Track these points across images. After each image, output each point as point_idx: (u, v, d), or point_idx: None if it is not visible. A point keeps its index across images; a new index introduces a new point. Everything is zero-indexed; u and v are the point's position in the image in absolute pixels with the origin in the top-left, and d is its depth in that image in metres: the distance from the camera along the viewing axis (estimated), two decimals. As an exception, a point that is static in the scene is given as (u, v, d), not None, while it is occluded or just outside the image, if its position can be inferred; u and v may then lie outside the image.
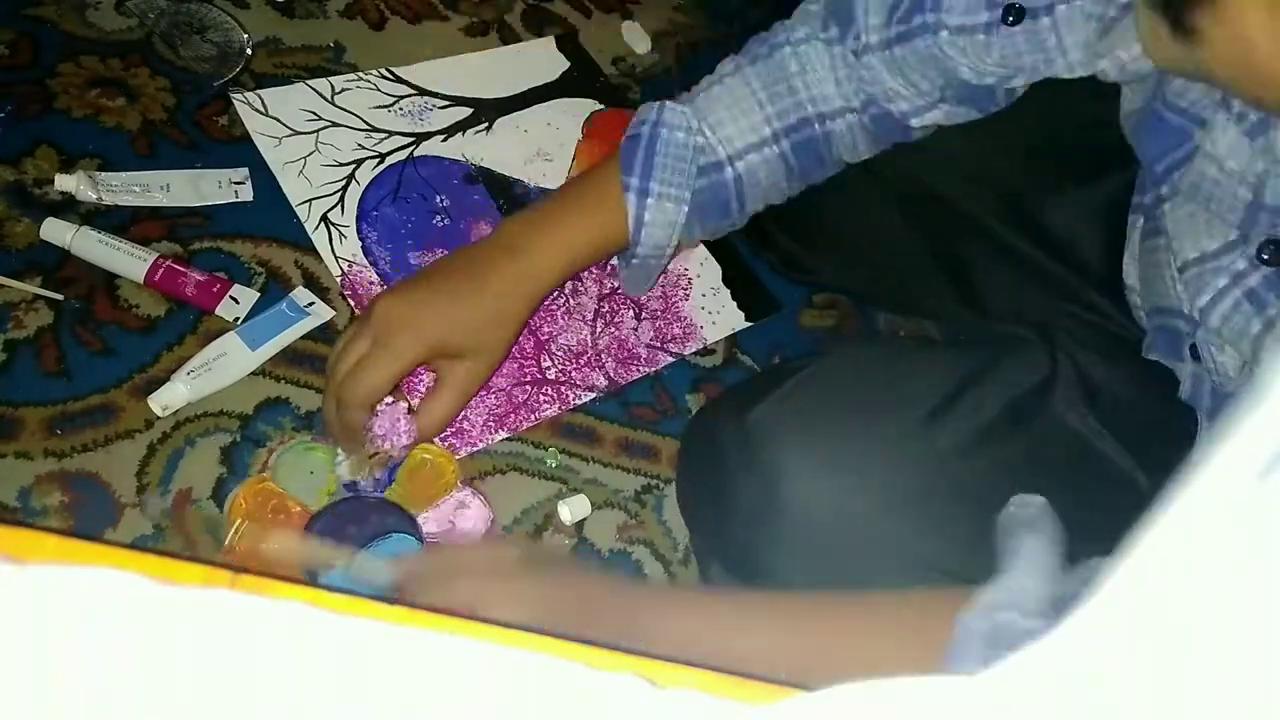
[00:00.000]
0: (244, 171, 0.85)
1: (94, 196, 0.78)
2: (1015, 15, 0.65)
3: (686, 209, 0.72)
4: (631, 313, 0.89)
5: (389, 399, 0.70)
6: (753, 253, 0.97)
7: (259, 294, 0.79)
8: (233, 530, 0.68)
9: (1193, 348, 0.62)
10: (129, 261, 0.76)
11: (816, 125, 0.73)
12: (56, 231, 0.76)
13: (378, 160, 0.90)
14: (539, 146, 0.96)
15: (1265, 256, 0.54)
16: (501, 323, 0.71)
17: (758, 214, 0.82)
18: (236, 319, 0.77)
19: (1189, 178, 0.59)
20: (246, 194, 0.84)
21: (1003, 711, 0.22)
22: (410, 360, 0.68)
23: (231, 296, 0.77)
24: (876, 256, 0.89)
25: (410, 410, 0.72)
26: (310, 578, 0.68)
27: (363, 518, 0.70)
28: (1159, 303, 0.67)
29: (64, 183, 0.78)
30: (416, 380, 0.79)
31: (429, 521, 0.73)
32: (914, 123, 0.73)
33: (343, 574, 0.67)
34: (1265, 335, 0.54)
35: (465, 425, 0.79)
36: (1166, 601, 0.20)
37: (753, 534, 0.66)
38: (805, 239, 0.92)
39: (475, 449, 0.78)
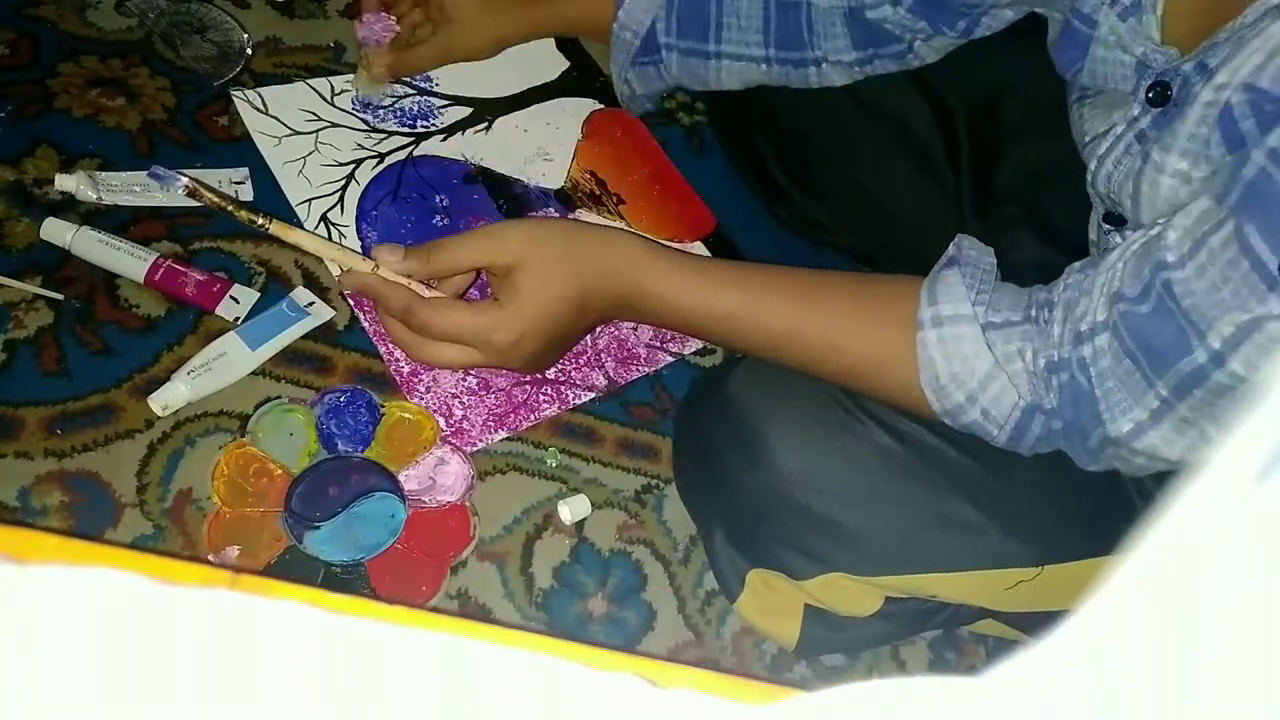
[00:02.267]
0: (244, 171, 0.85)
1: (94, 196, 0.78)
2: None
3: None
4: (631, 313, 0.89)
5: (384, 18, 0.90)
6: (766, 209, 0.98)
7: (259, 294, 0.79)
8: (213, 494, 0.69)
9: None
10: (129, 261, 0.76)
11: None
12: (56, 231, 0.76)
13: (377, 160, 0.90)
14: (539, 146, 0.96)
15: (1151, 96, 0.60)
16: (484, 10, 0.88)
17: (771, 169, 0.90)
18: (236, 319, 0.77)
19: (1089, 67, 0.66)
20: (246, 194, 0.84)
21: (1002, 712, 0.22)
22: None
23: (231, 296, 0.77)
24: (889, 208, 0.91)
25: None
26: (295, 540, 0.68)
27: (344, 478, 0.72)
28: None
29: (64, 182, 0.78)
30: (416, 382, 0.79)
31: (410, 479, 0.74)
32: (869, 14, 0.79)
33: (328, 534, 0.68)
34: (1145, 168, 0.59)
35: (465, 425, 0.79)
36: (1164, 604, 0.20)
37: (744, 500, 0.69)
38: (817, 192, 0.94)
39: (475, 449, 0.78)
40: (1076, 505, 0.66)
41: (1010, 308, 0.61)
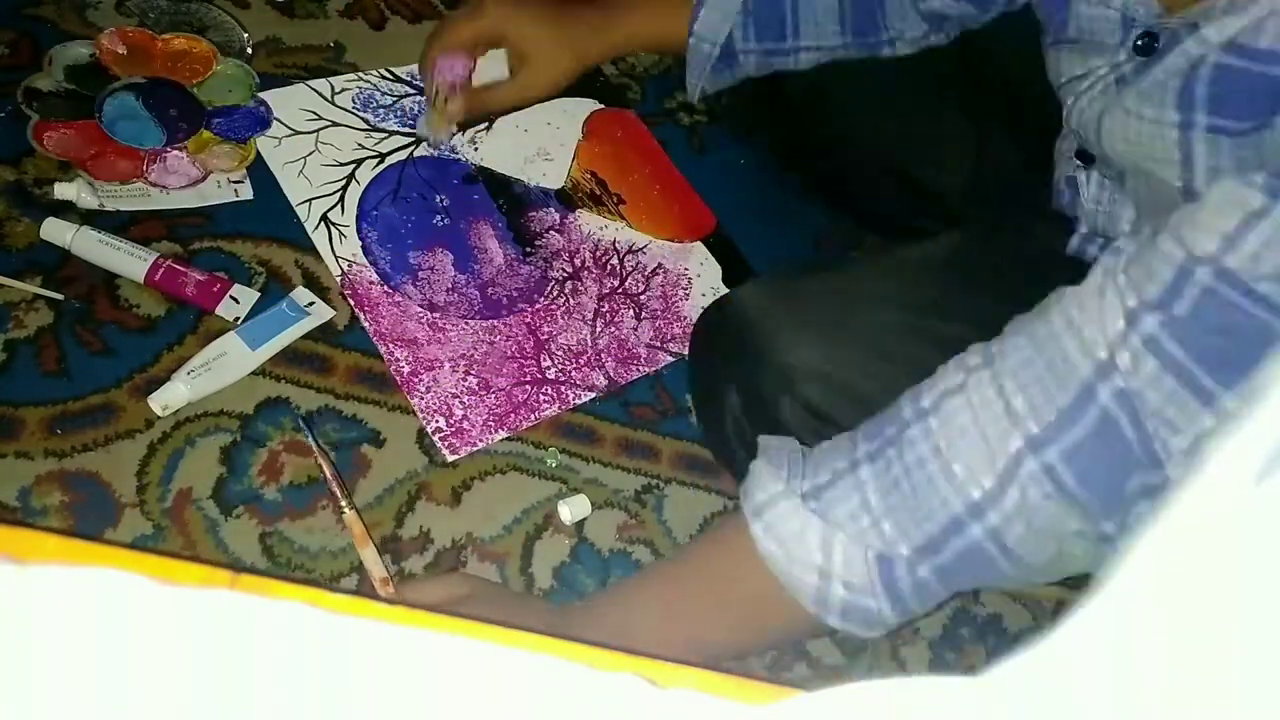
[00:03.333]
0: (242, 171, 0.85)
1: (96, 204, 0.78)
2: None
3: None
4: (631, 312, 0.89)
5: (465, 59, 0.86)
6: (780, 174, 1.00)
7: (259, 294, 0.79)
8: None
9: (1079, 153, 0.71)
10: (129, 261, 0.76)
11: None
12: (57, 231, 0.76)
13: (378, 160, 0.90)
14: (539, 146, 0.96)
15: (1139, 44, 0.63)
16: (561, 44, 0.87)
17: (788, 133, 0.93)
18: (236, 319, 0.77)
19: (1073, 22, 0.69)
20: (246, 193, 0.84)
21: (1002, 712, 0.22)
22: (478, 27, 0.85)
23: (231, 296, 0.77)
24: (912, 164, 0.93)
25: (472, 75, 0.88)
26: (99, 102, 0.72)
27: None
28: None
29: (64, 191, 0.78)
30: (416, 382, 0.79)
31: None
32: (922, 6, 0.84)
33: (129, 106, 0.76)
34: (1110, 104, 0.63)
35: (465, 425, 0.79)
36: (1163, 604, 0.20)
37: (751, 405, 0.70)
38: (837, 137, 0.94)
39: (475, 449, 0.78)
40: None
41: (835, 458, 0.56)
